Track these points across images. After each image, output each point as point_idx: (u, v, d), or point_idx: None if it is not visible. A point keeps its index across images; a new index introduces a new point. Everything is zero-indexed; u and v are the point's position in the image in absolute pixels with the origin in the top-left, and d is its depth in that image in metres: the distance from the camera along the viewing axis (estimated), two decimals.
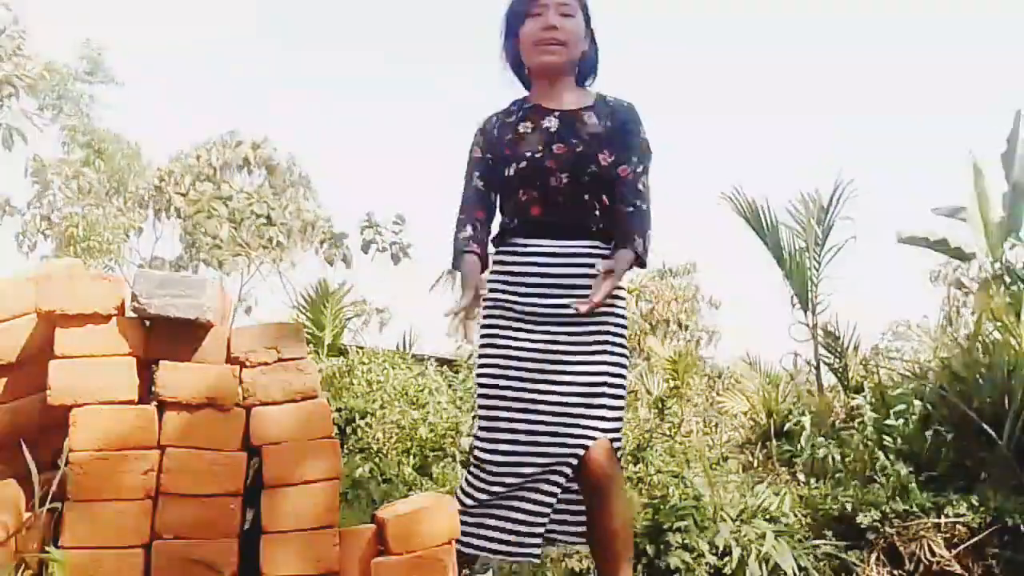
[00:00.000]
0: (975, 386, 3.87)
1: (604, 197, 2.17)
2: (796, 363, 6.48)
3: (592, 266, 2.12)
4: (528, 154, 2.18)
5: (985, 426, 3.60)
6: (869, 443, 3.98)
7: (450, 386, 5.46)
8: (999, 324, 4.06)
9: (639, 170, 2.19)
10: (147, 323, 1.94)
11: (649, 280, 13.00)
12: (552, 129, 2.21)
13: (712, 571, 2.98)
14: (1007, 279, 5.74)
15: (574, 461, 2.11)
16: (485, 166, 2.27)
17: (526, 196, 2.19)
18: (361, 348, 6.19)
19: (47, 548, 1.78)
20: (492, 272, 2.27)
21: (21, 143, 10.15)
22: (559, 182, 2.16)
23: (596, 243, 2.18)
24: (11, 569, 1.72)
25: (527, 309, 2.18)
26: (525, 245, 2.20)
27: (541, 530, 2.19)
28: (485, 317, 2.26)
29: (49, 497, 1.79)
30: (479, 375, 2.24)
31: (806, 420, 4.64)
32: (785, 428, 5.11)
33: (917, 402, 3.98)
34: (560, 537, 2.34)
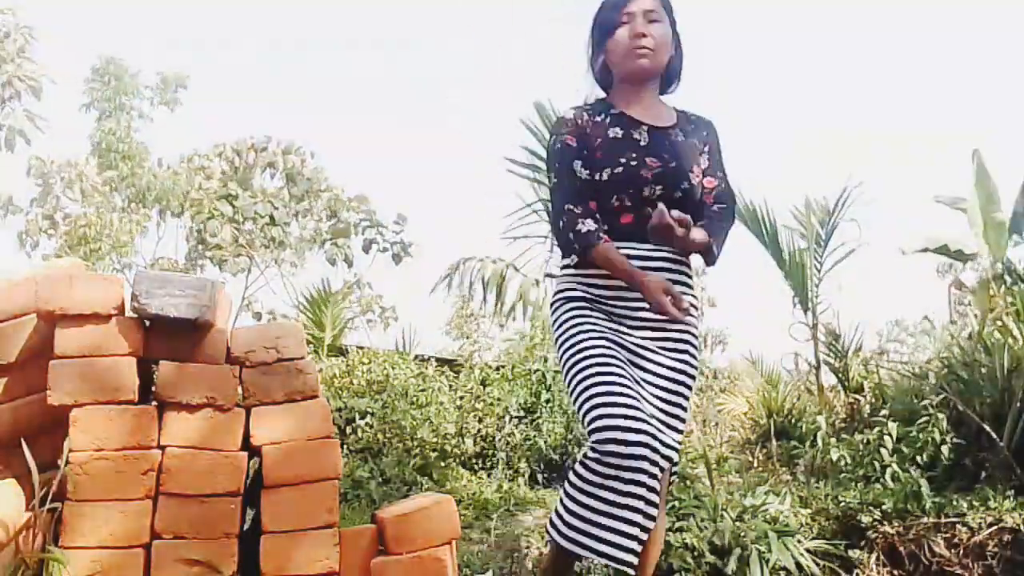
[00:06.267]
0: (975, 386, 3.87)
1: (689, 210, 2.18)
2: (797, 363, 6.48)
3: (678, 272, 2.19)
4: (623, 161, 2.19)
5: (985, 426, 3.60)
6: (871, 443, 3.98)
7: (451, 387, 5.45)
8: (999, 324, 4.07)
9: (726, 181, 2.33)
10: (147, 323, 1.94)
11: None
12: (643, 143, 2.23)
13: (712, 571, 2.99)
14: (1008, 279, 5.73)
15: (659, 473, 1.98)
16: (583, 157, 2.22)
17: (618, 202, 2.19)
18: (361, 348, 6.19)
19: (47, 548, 1.78)
20: (568, 272, 2.24)
21: (23, 143, 10.16)
22: (652, 193, 2.17)
23: (679, 254, 2.22)
24: (11, 569, 1.72)
25: (616, 311, 2.17)
26: (618, 249, 2.16)
27: (638, 531, 1.98)
28: (568, 300, 2.19)
29: (49, 497, 1.79)
30: (576, 341, 2.11)
31: (821, 419, 4.64)
32: (800, 427, 5.10)
33: (914, 400, 3.98)
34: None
